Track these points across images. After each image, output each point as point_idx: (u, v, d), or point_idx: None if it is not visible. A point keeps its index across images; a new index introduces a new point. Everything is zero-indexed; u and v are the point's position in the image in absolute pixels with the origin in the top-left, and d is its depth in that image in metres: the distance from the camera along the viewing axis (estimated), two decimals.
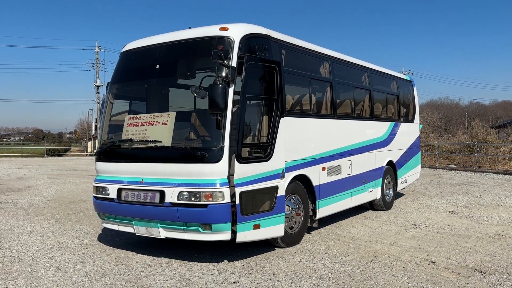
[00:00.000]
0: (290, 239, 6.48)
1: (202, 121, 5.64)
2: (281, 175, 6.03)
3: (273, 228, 5.91)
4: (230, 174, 5.36)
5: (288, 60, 6.42)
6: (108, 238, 7.18)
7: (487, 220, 8.55)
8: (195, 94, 5.19)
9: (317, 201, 7.02)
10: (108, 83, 6.59)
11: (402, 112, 10.81)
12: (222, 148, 5.25)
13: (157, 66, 5.92)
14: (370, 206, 9.69)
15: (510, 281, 4.98)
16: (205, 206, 5.23)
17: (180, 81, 6.16)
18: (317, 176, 7.05)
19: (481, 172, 19.53)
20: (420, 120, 31.50)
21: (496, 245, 6.61)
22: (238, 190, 5.36)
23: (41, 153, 39.38)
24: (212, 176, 5.27)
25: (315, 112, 7.31)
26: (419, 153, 11.86)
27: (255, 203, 5.65)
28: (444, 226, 7.95)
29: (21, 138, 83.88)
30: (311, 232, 7.43)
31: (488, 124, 35.79)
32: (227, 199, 5.28)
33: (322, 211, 7.23)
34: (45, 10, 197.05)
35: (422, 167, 23.10)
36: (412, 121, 11.34)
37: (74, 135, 73.09)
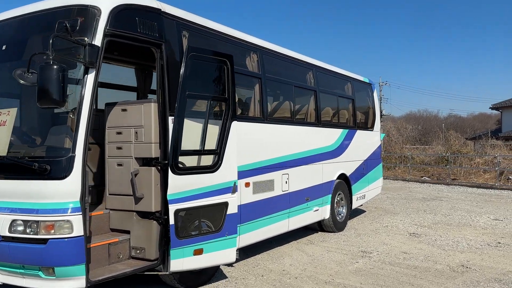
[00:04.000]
0: (193, 280, 4.98)
1: (52, 121, 4.13)
2: (232, 189, 4.99)
3: (221, 254, 4.93)
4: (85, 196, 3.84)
5: (194, 46, 4.97)
6: None
7: (452, 245, 7.19)
8: (21, 80, 3.69)
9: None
10: None
11: (358, 118, 9.46)
12: (71, 159, 3.74)
13: (3, 48, 4.39)
14: (319, 227, 8.26)
15: None
16: (44, 241, 3.69)
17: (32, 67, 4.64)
18: (238, 194, 5.56)
19: (454, 185, 18.39)
20: (392, 130, 30.26)
21: (457, 282, 5.23)
22: (172, 208, 4.41)
23: None
24: (56, 198, 3.75)
25: (237, 114, 5.85)
26: (380, 164, 10.51)
27: (196, 223, 4.67)
28: (399, 254, 6.54)
29: None
30: (233, 265, 5.93)
31: (465, 136, 35.05)
32: (78, 231, 3.75)
33: (244, 239, 5.74)
34: None
35: (394, 179, 22.11)
36: (371, 129, 10.00)
37: None
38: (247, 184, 5.77)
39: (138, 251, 4.62)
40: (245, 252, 6.46)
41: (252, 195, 5.88)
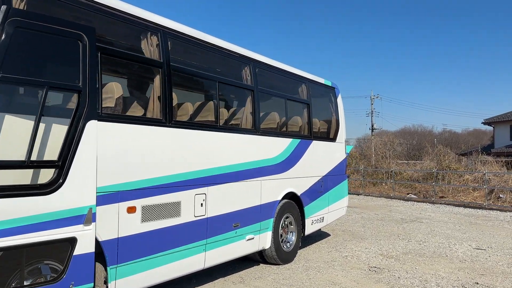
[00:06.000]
0: None
1: None
2: (84, 219, 3.49)
3: None
4: None
5: (19, 8, 3.52)
6: None
7: (417, 285, 5.68)
8: None
9: (109, 268, 4.02)
10: None
11: (316, 127, 8.02)
12: None
13: None
14: (261, 258, 6.74)
15: None
16: None
17: None
18: (113, 223, 4.07)
19: (440, 203, 16.93)
20: (379, 144, 28.78)
21: None
22: None
23: None
24: None
25: (120, 114, 4.39)
26: (345, 181, 9.02)
27: (15, 272, 3.16)
28: None
29: None
30: None
31: (455, 152, 33.70)
32: None
33: (126, 284, 4.21)
34: None
35: (378, 197, 20.57)
36: (333, 139, 8.54)
37: None
38: (131, 209, 4.26)
39: None
40: None
41: (141, 223, 4.37)
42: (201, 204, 5.16)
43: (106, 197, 3.97)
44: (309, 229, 7.62)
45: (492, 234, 9.78)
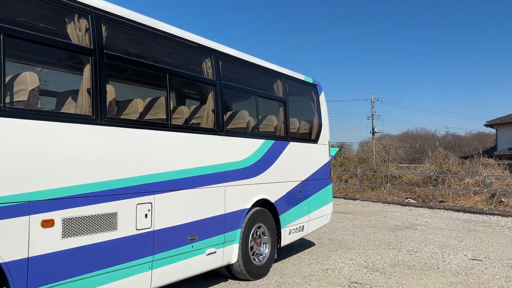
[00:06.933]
0: None
1: None
2: None
3: None
4: None
5: None
6: None
7: None
8: None
9: None
10: None
11: (295, 127, 7.32)
12: None
13: None
14: (229, 272, 6.02)
15: None
16: None
17: None
18: (21, 240, 3.37)
19: (439, 209, 16.15)
20: (378, 147, 28.01)
21: None
22: None
23: None
24: None
25: (34, 109, 3.71)
26: (330, 186, 8.28)
27: None
28: None
29: None
30: None
31: (460, 155, 32.89)
32: None
33: None
34: None
35: (375, 202, 19.76)
36: (315, 141, 7.82)
37: None
38: (47, 223, 3.56)
39: None
40: None
41: (62, 240, 3.66)
42: (146, 215, 4.45)
43: (10, 209, 3.28)
44: (286, 239, 6.88)
45: (491, 242, 9.01)
